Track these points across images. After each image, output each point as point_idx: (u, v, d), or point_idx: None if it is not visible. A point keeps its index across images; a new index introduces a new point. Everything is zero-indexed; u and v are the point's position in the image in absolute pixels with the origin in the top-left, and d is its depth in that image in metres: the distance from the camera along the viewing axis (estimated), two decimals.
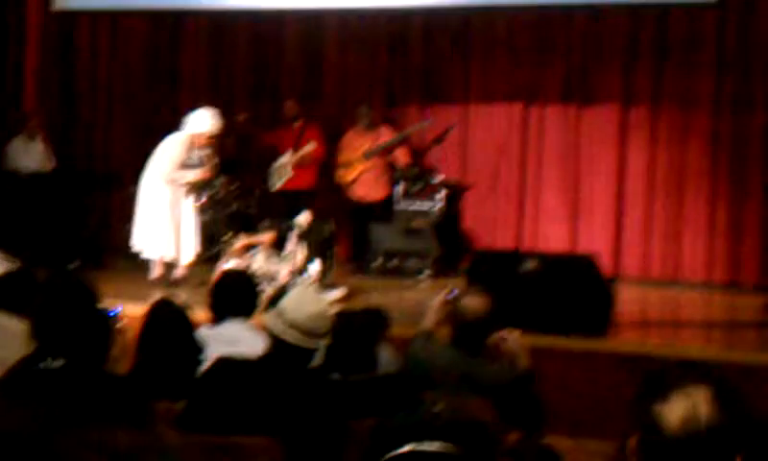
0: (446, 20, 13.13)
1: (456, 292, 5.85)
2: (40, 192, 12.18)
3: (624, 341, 8.67)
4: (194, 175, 10.56)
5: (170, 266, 10.79)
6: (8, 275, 5.85)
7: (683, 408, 2.45)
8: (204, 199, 11.02)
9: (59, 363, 3.84)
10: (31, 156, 12.53)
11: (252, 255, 10.16)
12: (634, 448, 2.56)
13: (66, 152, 13.34)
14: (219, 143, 11.07)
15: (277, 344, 4.58)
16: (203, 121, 10.53)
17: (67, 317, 3.92)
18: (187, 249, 10.62)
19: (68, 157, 13.27)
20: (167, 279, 10.69)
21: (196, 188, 10.80)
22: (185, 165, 10.54)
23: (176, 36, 14.23)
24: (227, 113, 12.95)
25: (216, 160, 10.66)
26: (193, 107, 10.99)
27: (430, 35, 13.33)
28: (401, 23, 13.31)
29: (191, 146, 10.57)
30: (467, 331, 5.42)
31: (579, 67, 12.75)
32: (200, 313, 6.51)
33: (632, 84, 12.57)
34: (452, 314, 5.52)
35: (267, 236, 10.41)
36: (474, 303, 5.43)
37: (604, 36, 12.65)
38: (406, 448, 2.34)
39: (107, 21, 14.26)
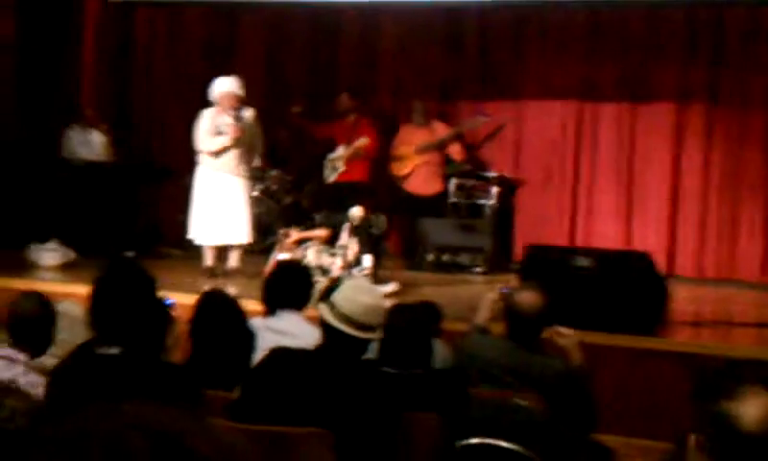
0: (502, 16, 13.09)
1: (510, 287, 5.83)
2: (96, 182, 12.25)
3: (678, 339, 8.60)
4: (221, 142, 10.55)
5: (222, 257, 10.82)
6: None
7: (759, 407, 2.43)
8: (257, 191, 11.01)
9: (116, 350, 3.85)
10: (87, 145, 12.62)
11: (305, 249, 10.18)
12: (697, 447, 2.53)
13: (122, 143, 13.42)
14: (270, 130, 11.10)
15: (331, 336, 4.58)
16: (221, 83, 10.57)
17: (125, 305, 3.93)
18: (238, 233, 10.62)
19: (124, 147, 13.35)
20: (220, 270, 10.72)
21: (250, 177, 10.82)
22: (218, 133, 10.57)
23: (232, 29, 14.28)
24: (282, 106, 13.05)
25: (240, 126, 10.61)
26: (249, 98, 11.01)
27: (485, 30, 13.30)
28: (457, 18, 13.28)
29: (218, 114, 10.59)
30: (521, 326, 5.40)
31: (635, 64, 12.67)
32: (252, 304, 6.52)
33: (688, 82, 12.46)
34: (507, 308, 5.50)
35: (321, 232, 10.41)
36: (530, 297, 5.41)
37: (660, 33, 12.55)
38: (475, 441, 2.33)
39: (164, 14, 14.35)
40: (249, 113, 10.73)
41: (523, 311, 5.39)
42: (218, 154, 10.57)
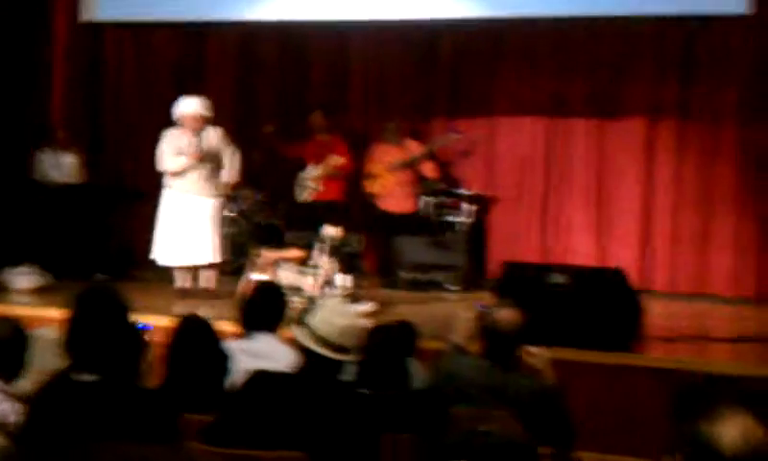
0: (473, 33, 13.08)
1: (487, 305, 5.81)
2: (68, 204, 12.22)
3: (653, 355, 8.61)
4: (181, 163, 10.50)
5: (195, 277, 10.77)
6: None
7: (738, 428, 2.41)
8: (232, 211, 10.93)
9: (92, 377, 3.83)
10: (59, 168, 12.58)
11: (278, 269, 10.14)
12: None
13: (93, 164, 13.37)
14: (247, 153, 11.05)
15: (308, 358, 4.56)
16: (184, 104, 10.53)
17: (100, 331, 3.92)
18: (204, 254, 10.56)
19: (95, 169, 13.31)
20: (192, 291, 10.67)
21: (220, 196, 10.75)
22: (179, 154, 10.52)
23: (202, 49, 14.24)
24: (253, 125, 13.03)
25: (202, 146, 10.54)
26: (219, 119, 10.99)
27: (457, 47, 13.29)
28: (428, 36, 13.28)
29: (179, 135, 10.55)
30: (499, 344, 5.39)
31: (605, 80, 12.69)
32: (225, 325, 6.49)
33: (658, 98, 12.49)
34: (484, 326, 5.48)
35: (295, 253, 10.37)
36: (507, 315, 5.40)
37: (630, 49, 12.58)
38: None
39: (132, 34, 14.29)
40: (214, 133, 10.67)
41: (501, 329, 5.37)
42: (180, 174, 10.53)
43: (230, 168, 10.78)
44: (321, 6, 12.64)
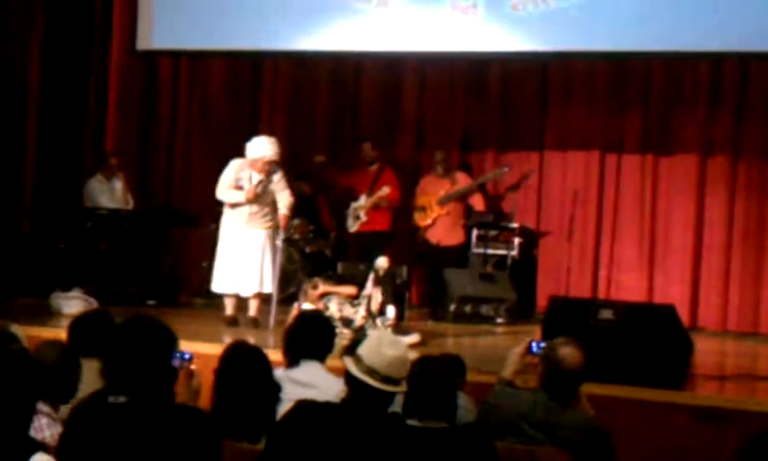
0: (524, 66, 13.12)
1: (540, 342, 5.80)
2: (118, 230, 12.29)
3: (701, 393, 8.52)
4: (236, 197, 10.52)
5: (244, 306, 10.77)
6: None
7: None
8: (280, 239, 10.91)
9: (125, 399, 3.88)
10: (110, 195, 12.66)
11: (327, 300, 10.15)
12: None
13: (145, 191, 13.47)
14: (291, 182, 11.04)
15: (356, 389, 4.55)
16: (258, 147, 10.53)
17: (136, 361, 3.95)
18: (251, 285, 10.55)
19: (147, 196, 13.40)
20: (241, 319, 10.66)
21: (273, 227, 10.73)
22: (238, 187, 10.54)
23: (255, 78, 14.34)
24: (305, 155, 13.08)
25: (258, 190, 10.52)
26: None
27: (507, 81, 13.32)
28: (479, 69, 13.31)
29: (243, 168, 10.56)
30: (561, 381, 5.37)
31: (657, 116, 12.67)
32: (273, 354, 6.49)
33: (711, 135, 12.45)
34: (548, 363, 5.45)
35: (349, 289, 10.34)
36: (572, 353, 5.39)
37: (683, 86, 12.56)
38: None
39: (187, 63, 14.40)
40: (276, 176, 10.64)
41: (564, 366, 5.36)
42: (235, 205, 10.57)
43: (283, 209, 10.70)
44: (373, 38, 12.65)
